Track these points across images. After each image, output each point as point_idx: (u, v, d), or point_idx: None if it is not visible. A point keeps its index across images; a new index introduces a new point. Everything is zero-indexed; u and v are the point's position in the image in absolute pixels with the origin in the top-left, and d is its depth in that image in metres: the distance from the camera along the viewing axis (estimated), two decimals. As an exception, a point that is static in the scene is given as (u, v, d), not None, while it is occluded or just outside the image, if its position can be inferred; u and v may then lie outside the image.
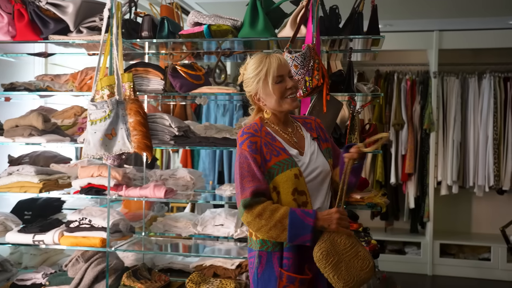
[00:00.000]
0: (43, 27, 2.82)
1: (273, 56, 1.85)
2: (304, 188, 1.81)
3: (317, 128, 1.98)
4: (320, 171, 1.86)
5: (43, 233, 2.88)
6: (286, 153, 1.83)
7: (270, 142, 1.85)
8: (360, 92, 2.68)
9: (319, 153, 1.90)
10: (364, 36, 2.66)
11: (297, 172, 1.81)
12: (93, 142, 2.64)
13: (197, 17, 2.76)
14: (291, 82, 1.86)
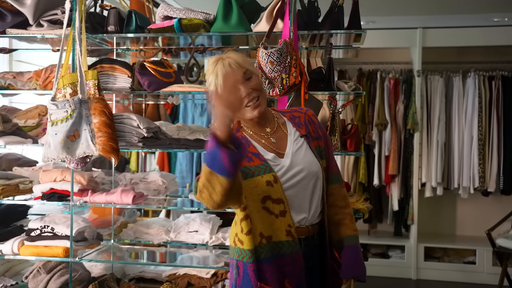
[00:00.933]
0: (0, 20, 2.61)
1: (220, 63, 1.63)
2: (281, 196, 1.62)
3: (308, 123, 1.75)
4: (305, 174, 1.65)
5: (1, 243, 2.68)
6: (260, 158, 1.65)
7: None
8: (340, 90, 2.52)
9: (306, 153, 1.69)
10: (345, 31, 2.50)
11: (270, 178, 1.62)
12: (54, 145, 2.44)
13: (167, 10, 2.58)
14: (246, 88, 1.62)
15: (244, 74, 1.62)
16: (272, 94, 2.30)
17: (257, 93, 1.64)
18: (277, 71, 2.28)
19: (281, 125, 1.74)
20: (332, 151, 1.80)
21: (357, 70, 5.22)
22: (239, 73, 1.61)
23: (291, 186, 1.63)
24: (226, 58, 1.64)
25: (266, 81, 2.31)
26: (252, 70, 1.66)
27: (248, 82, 1.63)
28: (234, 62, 1.62)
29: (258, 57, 2.32)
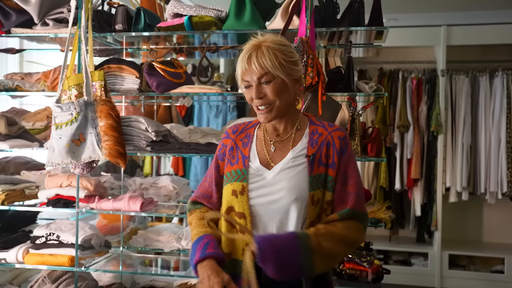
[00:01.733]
0: (4, 19, 2.51)
1: (252, 50, 1.47)
2: (244, 210, 1.47)
3: (325, 145, 1.50)
4: (281, 197, 1.45)
5: (6, 250, 2.58)
6: (244, 164, 1.53)
7: (240, 147, 1.58)
8: (361, 91, 2.35)
9: (298, 175, 1.48)
10: (365, 28, 2.33)
11: (237, 188, 1.49)
12: (58, 149, 2.33)
13: (177, 8, 2.45)
14: (259, 91, 1.46)
15: (261, 77, 1.46)
16: (287, 96, 2.14)
17: (271, 100, 1.47)
18: (292, 71, 2.12)
19: (296, 136, 1.56)
20: (353, 184, 1.49)
21: (378, 69, 5.03)
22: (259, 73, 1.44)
23: (260, 204, 1.47)
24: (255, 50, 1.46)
25: (280, 82, 2.15)
26: (276, 73, 1.45)
27: (264, 85, 1.47)
28: (257, 62, 1.44)
29: (272, 56, 2.17)
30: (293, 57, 1.50)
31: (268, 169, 1.51)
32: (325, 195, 1.49)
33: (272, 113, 1.49)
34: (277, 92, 1.46)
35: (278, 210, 1.46)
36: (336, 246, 1.42)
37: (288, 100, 1.51)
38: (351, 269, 2.27)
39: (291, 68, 1.48)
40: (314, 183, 1.47)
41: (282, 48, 1.48)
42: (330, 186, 1.49)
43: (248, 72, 1.47)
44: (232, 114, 4.66)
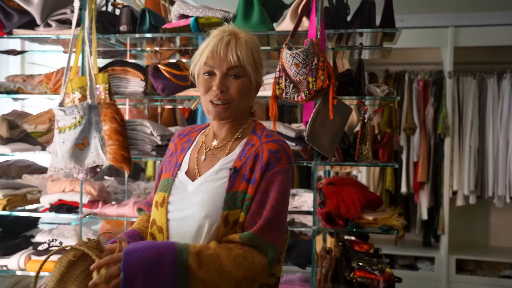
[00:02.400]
0: (6, 20, 2.46)
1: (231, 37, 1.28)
2: (162, 224, 1.29)
3: (253, 157, 1.28)
4: (192, 213, 1.26)
5: (7, 257, 2.52)
6: (173, 172, 1.36)
7: (177, 153, 1.41)
8: (372, 95, 2.29)
9: (214, 191, 1.27)
10: (378, 30, 2.27)
11: (159, 199, 1.32)
12: (61, 153, 2.28)
13: (183, 9, 2.39)
14: (221, 84, 1.27)
15: (227, 70, 1.27)
16: (297, 99, 2.09)
17: (232, 97, 1.29)
18: (302, 74, 2.06)
19: (233, 145, 1.35)
20: (269, 208, 1.24)
21: (384, 71, 4.96)
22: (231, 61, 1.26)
23: (175, 218, 1.29)
24: (233, 38, 1.28)
25: (290, 85, 2.10)
26: (248, 70, 1.28)
27: (230, 79, 1.28)
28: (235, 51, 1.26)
29: (281, 59, 2.11)
30: (262, 61, 1.36)
31: (192, 181, 1.32)
32: (240, 216, 1.26)
33: (227, 112, 1.30)
34: (241, 91, 1.29)
35: (191, 227, 1.25)
36: (219, 276, 1.17)
37: (246, 104, 1.35)
38: (362, 277, 2.21)
39: (259, 71, 1.35)
40: (231, 201, 1.26)
41: (257, 48, 1.33)
42: (245, 206, 1.26)
43: (218, 58, 1.26)
44: (236, 116, 4.59)
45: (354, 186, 2.30)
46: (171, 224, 1.29)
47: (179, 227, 1.28)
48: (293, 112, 4.79)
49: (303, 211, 2.65)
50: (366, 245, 2.59)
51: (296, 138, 2.33)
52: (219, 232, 1.25)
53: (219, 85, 1.27)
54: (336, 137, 2.20)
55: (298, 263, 2.59)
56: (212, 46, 1.27)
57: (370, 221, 2.22)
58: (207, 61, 1.28)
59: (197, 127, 1.48)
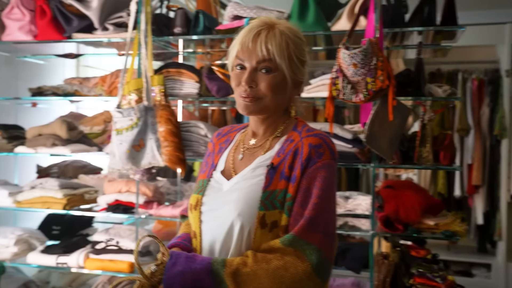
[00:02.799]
0: (66, 25, 2.52)
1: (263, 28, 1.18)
2: (196, 229, 1.22)
3: (293, 154, 1.18)
4: (225, 212, 1.17)
5: (67, 255, 2.59)
6: (209, 173, 1.28)
7: (215, 153, 1.33)
8: (433, 96, 2.21)
9: (249, 188, 1.18)
10: (439, 28, 2.19)
11: (193, 201, 1.25)
12: (119, 155, 2.31)
13: (236, 10, 2.38)
14: (249, 79, 1.17)
15: (257, 64, 1.17)
16: (355, 101, 2.04)
17: (261, 94, 1.18)
18: (360, 75, 2.01)
19: (273, 143, 1.25)
20: (311, 207, 1.12)
21: (435, 70, 4.80)
22: (263, 55, 1.16)
23: (208, 220, 1.21)
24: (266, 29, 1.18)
25: (348, 86, 2.05)
26: (280, 65, 1.17)
27: (261, 74, 1.18)
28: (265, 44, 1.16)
29: (338, 59, 2.06)
30: (305, 56, 1.23)
31: (227, 180, 1.23)
32: (281, 219, 1.15)
33: (257, 105, 1.19)
34: (272, 88, 1.18)
35: (222, 228, 1.16)
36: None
37: (281, 102, 1.22)
38: (423, 285, 2.13)
39: (298, 66, 1.21)
40: (269, 200, 1.14)
41: (297, 41, 1.20)
42: (286, 207, 1.14)
43: (247, 51, 1.17)
44: (283, 117, 4.56)
45: (414, 189, 2.22)
46: (204, 226, 1.21)
47: (211, 228, 1.19)
48: (341, 112, 4.71)
49: (357, 214, 2.60)
50: (423, 251, 2.49)
51: (352, 140, 2.28)
52: (255, 235, 1.13)
53: (247, 80, 1.17)
54: (395, 139, 2.13)
55: (353, 267, 2.53)
56: (242, 37, 1.19)
57: (431, 226, 2.14)
58: (237, 54, 1.20)
59: (237, 126, 1.39)
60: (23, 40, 2.61)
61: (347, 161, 2.30)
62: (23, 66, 3.25)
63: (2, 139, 2.70)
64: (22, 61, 3.24)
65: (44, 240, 2.85)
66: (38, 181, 2.70)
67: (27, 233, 2.78)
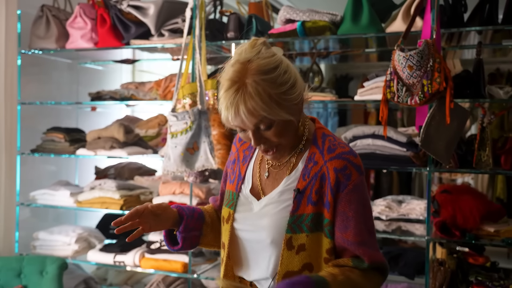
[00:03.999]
0: (124, 32, 2.62)
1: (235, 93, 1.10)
2: (226, 241, 1.27)
3: (319, 178, 1.18)
4: (260, 238, 1.21)
5: (124, 253, 2.69)
6: (237, 187, 1.30)
7: (240, 161, 1.33)
8: (493, 97, 2.13)
9: (278, 214, 1.20)
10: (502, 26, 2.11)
11: (225, 214, 1.29)
12: (174, 157, 2.38)
13: (289, 13, 2.39)
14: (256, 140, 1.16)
15: (257, 124, 1.13)
16: (411, 103, 2.00)
17: (275, 143, 1.17)
18: (416, 77, 1.97)
19: (297, 159, 1.24)
20: (355, 233, 1.15)
21: (494, 70, 4.62)
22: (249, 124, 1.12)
23: (242, 238, 1.26)
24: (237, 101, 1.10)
25: (403, 88, 2.01)
26: (273, 115, 1.11)
27: (263, 131, 1.15)
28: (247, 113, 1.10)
29: (393, 61, 2.03)
30: (287, 82, 1.14)
31: (257, 199, 1.26)
32: (322, 242, 1.18)
33: (280, 152, 1.20)
34: (280, 134, 1.16)
35: (253, 250, 1.23)
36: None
37: (294, 131, 1.21)
38: (482, 294, 2.06)
39: (288, 98, 1.13)
40: (296, 224, 1.17)
41: (272, 77, 1.12)
42: (327, 231, 1.18)
43: (237, 120, 1.13)
44: (333, 119, 4.53)
45: (472, 194, 2.15)
46: (234, 242, 1.26)
47: (243, 247, 1.25)
48: (393, 115, 4.62)
49: (411, 219, 2.54)
50: (481, 258, 2.41)
51: (407, 143, 2.24)
52: (282, 256, 1.17)
53: (256, 141, 1.16)
54: (452, 143, 2.07)
55: (406, 273, 2.48)
56: (223, 115, 1.15)
57: (491, 232, 2.06)
58: (233, 122, 1.15)
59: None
60: (85, 47, 2.73)
61: (402, 165, 2.26)
62: (84, 72, 3.41)
63: (65, 141, 2.84)
64: (82, 67, 3.40)
65: (102, 239, 2.97)
66: (97, 182, 2.82)
67: (86, 232, 2.91)
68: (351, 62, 5.10)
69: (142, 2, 2.59)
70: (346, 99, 2.59)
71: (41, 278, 2.54)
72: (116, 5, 2.63)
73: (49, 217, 3.17)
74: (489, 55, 4.40)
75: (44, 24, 2.77)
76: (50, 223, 3.09)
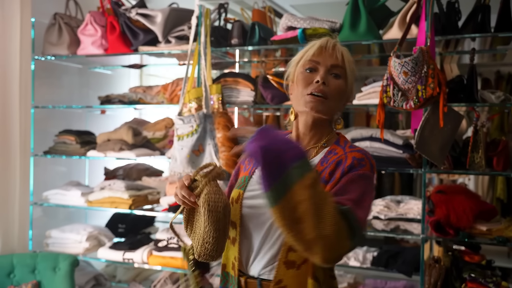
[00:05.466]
0: (133, 39, 2.74)
1: (335, 41, 1.32)
2: (235, 219, 1.30)
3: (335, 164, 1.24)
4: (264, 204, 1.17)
5: (133, 251, 2.80)
6: (251, 171, 1.36)
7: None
8: (486, 102, 2.22)
9: None
10: (490, 34, 2.20)
11: (235, 195, 1.32)
12: (180, 159, 2.49)
13: (290, 21, 2.49)
14: (323, 78, 1.26)
15: (331, 67, 1.27)
16: (406, 108, 2.09)
17: (331, 92, 1.26)
18: (411, 82, 2.06)
19: (316, 152, 1.31)
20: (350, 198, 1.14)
21: (494, 73, 4.69)
22: (335, 60, 1.28)
23: (249, 211, 1.28)
24: (338, 43, 1.32)
25: (399, 93, 2.11)
26: (348, 73, 1.30)
27: (331, 77, 1.28)
28: (340, 48, 1.30)
29: (389, 67, 2.13)
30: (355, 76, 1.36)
31: None
32: None
33: (324, 105, 1.26)
34: (339, 91, 1.28)
35: (262, 224, 1.26)
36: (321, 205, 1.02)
37: (337, 107, 1.31)
38: (475, 290, 2.15)
39: (353, 82, 1.34)
40: None
41: (352, 59, 1.34)
42: None
43: (325, 53, 1.28)
44: (337, 121, 4.61)
45: (466, 194, 2.24)
46: (244, 219, 1.29)
47: (251, 223, 1.27)
48: (395, 117, 4.70)
49: (409, 218, 2.63)
50: (477, 256, 2.49)
51: (403, 145, 2.33)
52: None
53: (323, 76, 1.26)
54: (446, 145, 2.16)
55: (404, 271, 2.57)
56: (321, 43, 1.30)
57: (483, 231, 2.15)
58: (312, 57, 1.28)
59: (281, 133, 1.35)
60: (96, 53, 2.85)
61: (398, 166, 2.36)
62: (93, 76, 3.53)
63: (76, 144, 2.96)
64: (92, 72, 3.52)
65: (111, 237, 3.08)
66: (107, 183, 2.93)
67: (97, 230, 3.02)
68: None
69: (150, 11, 2.71)
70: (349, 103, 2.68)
71: (54, 274, 2.65)
72: (125, 13, 2.75)
73: (60, 216, 3.29)
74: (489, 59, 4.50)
75: (56, 31, 2.89)
76: (61, 222, 3.21)
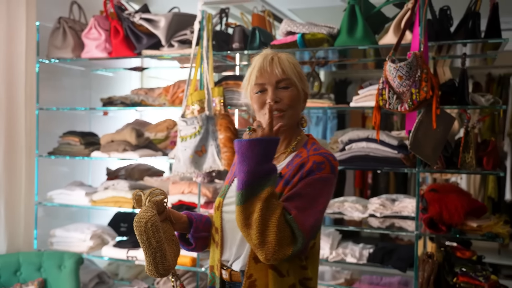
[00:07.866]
0: (137, 43, 2.82)
1: (265, 59, 1.39)
2: (218, 226, 1.43)
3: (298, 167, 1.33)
4: None
5: (136, 249, 2.88)
6: (230, 180, 1.48)
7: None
8: (476, 104, 2.33)
9: None
10: (480, 40, 2.30)
11: (216, 203, 1.46)
12: (183, 160, 2.57)
13: (290, 26, 2.59)
14: (274, 95, 1.36)
15: (279, 82, 1.37)
16: (401, 110, 2.19)
17: (286, 105, 1.37)
18: (405, 86, 2.17)
19: (284, 157, 1.42)
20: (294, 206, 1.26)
21: (486, 75, 4.82)
22: (278, 75, 1.36)
23: (228, 220, 1.40)
24: (275, 56, 1.39)
25: (394, 96, 2.21)
26: (294, 81, 1.38)
27: (281, 90, 1.37)
28: (277, 60, 1.38)
29: (385, 71, 2.23)
30: (304, 74, 1.45)
31: None
32: None
33: (283, 118, 1.37)
34: (292, 100, 1.38)
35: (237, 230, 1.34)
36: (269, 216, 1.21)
37: (296, 114, 1.41)
38: (466, 283, 2.25)
39: (303, 82, 1.43)
40: None
41: (297, 63, 1.43)
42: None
43: (265, 74, 1.37)
44: (332, 122, 4.73)
45: (458, 193, 2.34)
46: (225, 225, 1.41)
47: (231, 227, 1.39)
48: (390, 118, 4.82)
49: (403, 216, 2.73)
50: (468, 252, 2.60)
51: (398, 146, 2.43)
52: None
53: (272, 96, 1.36)
54: (439, 146, 2.27)
55: (399, 267, 2.67)
56: (259, 65, 1.38)
57: (474, 228, 2.26)
58: (256, 80, 1.38)
59: None
60: (100, 57, 2.93)
61: (393, 166, 2.46)
62: (96, 79, 3.61)
63: (80, 144, 3.03)
64: (95, 74, 3.60)
65: (114, 236, 3.16)
66: (110, 183, 3.01)
67: (100, 229, 3.10)
68: (349, 69, 5.31)
69: (153, 16, 2.79)
70: (342, 105, 2.79)
71: (60, 272, 2.73)
72: (129, 17, 2.83)
73: (63, 216, 3.37)
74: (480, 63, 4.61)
75: (61, 35, 2.97)
76: (65, 221, 3.28)
